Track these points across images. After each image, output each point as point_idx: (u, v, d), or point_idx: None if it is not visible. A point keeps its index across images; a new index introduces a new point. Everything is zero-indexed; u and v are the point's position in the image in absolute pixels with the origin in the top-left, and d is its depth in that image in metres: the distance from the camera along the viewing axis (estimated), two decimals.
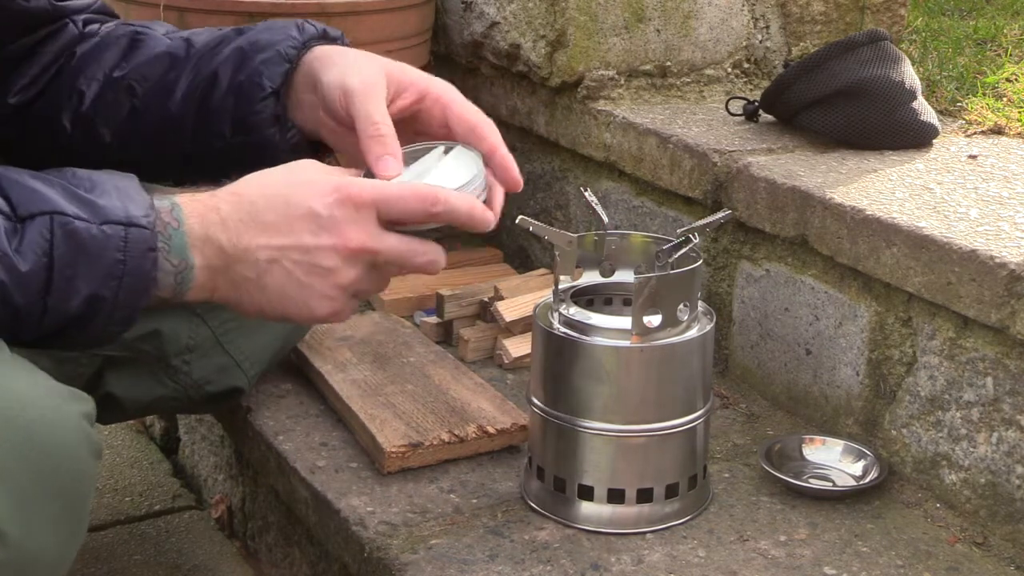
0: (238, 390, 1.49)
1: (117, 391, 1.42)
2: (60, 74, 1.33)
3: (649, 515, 1.31)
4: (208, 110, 1.27)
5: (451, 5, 2.04)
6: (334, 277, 1.06)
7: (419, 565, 1.25)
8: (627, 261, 1.38)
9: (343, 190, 1.05)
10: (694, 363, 1.30)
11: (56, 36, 1.34)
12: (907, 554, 1.29)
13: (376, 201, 1.05)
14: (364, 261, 1.07)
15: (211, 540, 1.75)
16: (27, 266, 0.98)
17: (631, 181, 1.80)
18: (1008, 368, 1.30)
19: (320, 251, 1.05)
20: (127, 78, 1.31)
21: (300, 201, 1.05)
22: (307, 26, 1.27)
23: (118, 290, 1.01)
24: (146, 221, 1.02)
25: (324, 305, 1.08)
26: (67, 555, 0.98)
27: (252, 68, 1.25)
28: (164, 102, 1.29)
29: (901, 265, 1.38)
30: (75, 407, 0.98)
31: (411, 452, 1.39)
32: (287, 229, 1.05)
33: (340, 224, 1.05)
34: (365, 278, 1.08)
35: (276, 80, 1.24)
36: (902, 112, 1.66)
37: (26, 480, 0.92)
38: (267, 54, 1.25)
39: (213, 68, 1.28)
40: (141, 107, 1.30)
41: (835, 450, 1.46)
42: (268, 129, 1.25)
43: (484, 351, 1.69)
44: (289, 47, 1.25)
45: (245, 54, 1.26)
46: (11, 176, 1.02)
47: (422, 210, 1.06)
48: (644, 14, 1.87)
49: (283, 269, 1.06)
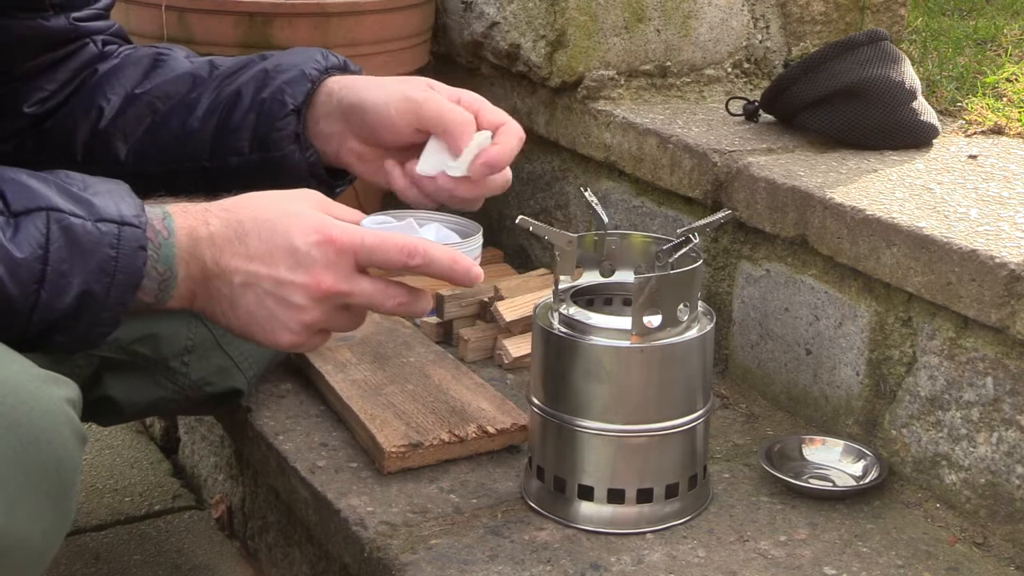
0: (237, 391, 1.49)
1: (115, 393, 1.42)
2: (80, 90, 1.36)
3: (649, 515, 1.31)
4: (228, 127, 1.30)
5: (451, 5, 2.04)
6: (300, 314, 1.08)
7: (419, 565, 1.25)
8: (627, 261, 1.38)
9: (326, 231, 1.07)
10: (694, 363, 1.30)
11: (76, 55, 1.36)
12: (907, 554, 1.29)
13: (356, 248, 1.07)
14: (333, 302, 1.09)
15: (211, 540, 1.75)
16: (22, 255, 0.99)
17: (631, 181, 1.80)
18: (1008, 368, 1.30)
19: (292, 287, 1.07)
20: (149, 95, 1.34)
21: (284, 233, 1.07)
22: (330, 56, 1.31)
23: (110, 286, 1.02)
24: (138, 221, 1.04)
25: (286, 337, 1.09)
26: (52, 542, 0.98)
27: (275, 87, 1.28)
28: (184, 119, 1.32)
29: (901, 265, 1.38)
30: (57, 391, 0.97)
31: (411, 452, 1.39)
32: (267, 258, 1.07)
33: (316, 265, 1.06)
34: (335, 317, 1.10)
35: (299, 98, 1.27)
36: (902, 112, 1.66)
37: (7, 466, 0.92)
38: (291, 74, 1.28)
39: (236, 87, 1.31)
40: (160, 123, 1.33)
41: (835, 450, 1.46)
42: (289, 146, 1.27)
43: (484, 351, 1.69)
44: (313, 68, 1.28)
45: (268, 74, 1.30)
46: (7, 174, 1.03)
47: (400, 261, 1.08)
48: (644, 14, 1.87)
49: (255, 295, 1.08)
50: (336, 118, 1.27)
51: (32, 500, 0.94)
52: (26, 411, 0.94)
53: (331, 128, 1.28)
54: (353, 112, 1.26)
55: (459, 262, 1.09)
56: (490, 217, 2.10)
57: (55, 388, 0.97)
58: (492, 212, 2.08)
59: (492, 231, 2.09)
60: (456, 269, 1.08)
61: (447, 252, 1.09)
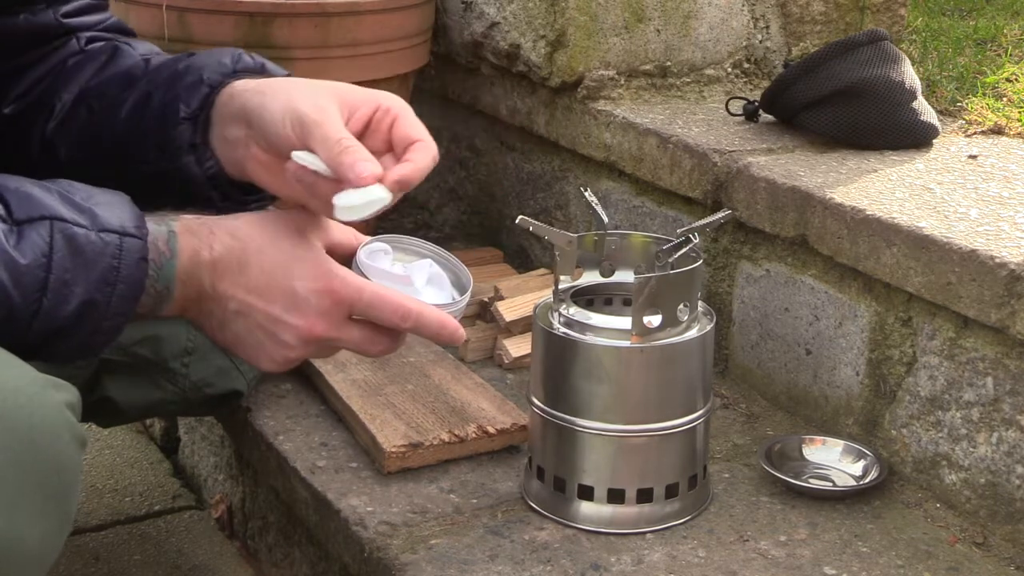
0: (237, 392, 1.49)
1: (115, 395, 1.42)
2: (48, 88, 1.31)
3: (649, 515, 1.31)
4: (138, 132, 1.23)
5: (451, 5, 2.04)
6: (286, 350, 1.09)
7: (419, 565, 1.25)
8: (627, 261, 1.38)
9: (327, 281, 1.08)
10: (694, 363, 1.30)
11: (58, 51, 1.32)
12: (907, 554, 1.29)
13: (353, 301, 1.08)
14: (320, 344, 1.10)
15: (211, 540, 1.75)
16: (26, 262, 0.98)
17: (631, 181, 1.80)
18: (1008, 368, 1.30)
19: (284, 326, 1.08)
20: (88, 93, 1.28)
21: (287, 274, 1.08)
22: (244, 57, 1.22)
23: (111, 296, 1.02)
24: (139, 232, 1.04)
25: (267, 365, 1.11)
26: (53, 547, 0.98)
27: (175, 92, 1.21)
28: (112, 121, 1.25)
29: (901, 265, 1.38)
30: (57, 395, 0.97)
31: (411, 452, 1.39)
32: (265, 293, 1.08)
33: (312, 311, 1.08)
34: (315, 353, 1.12)
35: (192, 104, 1.19)
36: (902, 112, 1.66)
37: (7, 470, 0.91)
38: (191, 78, 1.20)
39: (150, 89, 1.23)
40: (94, 124, 1.26)
41: (835, 450, 1.46)
42: (185, 157, 1.20)
43: (484, 351, 1.69)
44: (213, 73, 1.20)
45: (177, 76, 1.22)
46: (9, 183, 1.02)
47: (392, 322, 1.09)
48: (644, 14, 1.87)
49: (246, 323, 1.09)
50: (240, 123, 1.17)
51: (32, 504, 0.94)
52: (26, 415, 0.93)
53: (235, 133, 1.18)
54: (252, 118, 1.16)
55: (446, 327, 1.11)
56: (490, 217, 2.10)
57: (54, 392, 0.97)
58: (492, 212, 2.08)
59: (492, 231, 2.09)
60: (442, 333, 1.11)
61: (436, 317, 1.10)
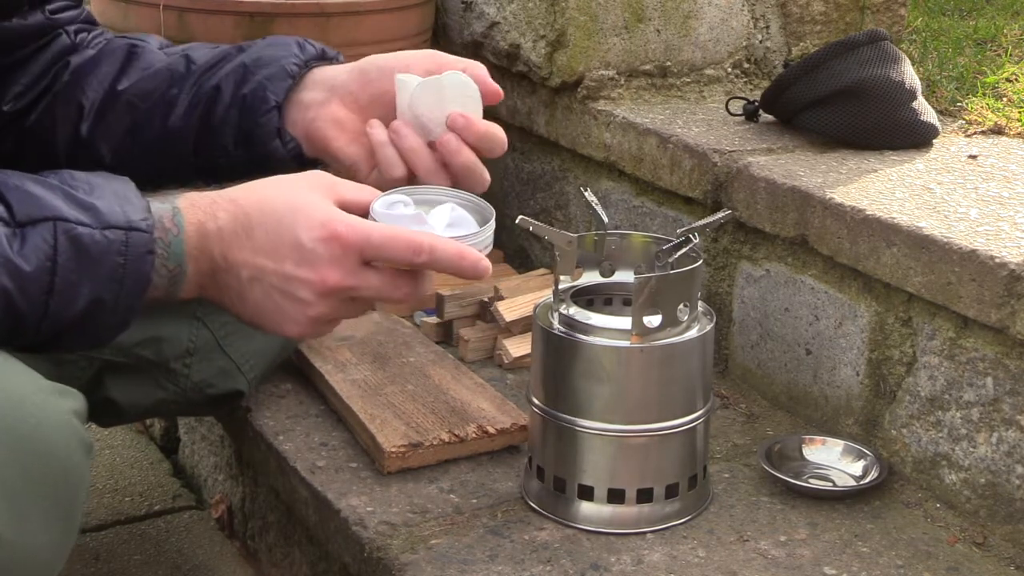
0: (238, 393, 1.49)
1: (116, 395, 1.42)
2: (55, 85, 1.34)
3: (649, 515, 1.31)
4: (211, 125, 1.29)
5: (451, 5, 2.04)
6: (306, 308, 1.07)
7: (419, 565, 1.25)
8: (627, 261, 1.38)
9: (331, 227, 1.06)
10: (694, 363, 1.30)
11: (49, 47, 1.35)
12: (907, 554, 1.29)
13: (361, 245, 1.06)
14: (339, 296, 1.08)
15: (211, 540, 1.75)
16: (30, 267, 0.98)
17: (631, 181, 1.80)
18: (1008, 368, 1.30)
19: (297, 282, 1.06)
20: (127, 94, 1.32)
21: (289, 227, 1.06)
22: (307, 45, 1.30)
23: (119, 292, 1.02)
24: (145, 225, 1.03)
25: (293, 328, 1.09)
26: (60, 554, 0.98)
27: (256, 82, 1.27)
28: (165, 118, 1.31)
29: (901, 265, 1.38)
30: (64, 403, 0.97)
31: (411, 452, 1.39)
32: (273, 253, 1.06)
33: (321, 261, 1.06)
34: (341, 308, 1.10)
35: (280, 95, 1.26)
36: (902, 112, 1.66)
37: (16, 478, 0.92)
38: (271, 69, 1.27)
39: (215, 83, 1.29)
40: (142, 124, 1.32)
41: (835, 450, 1.46)
42: (272, 142, 1.27)
43: (484, 351, 1.69)
44: (292, 63, 1.28)
45: (248, 69, 1.29)
46: (11, 181, 1.02)
47: (406, 258, 1.06)
48: (644, 14, 1.87)
49: (262, 288, 1.07)
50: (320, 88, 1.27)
51: (40, 512, 0.94)
52: (34, 424, 0.94)
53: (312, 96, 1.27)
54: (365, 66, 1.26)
55: (466, 257, 1.07)
56: None
57: (61, 400, 0.98)
58: None
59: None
60: (463, 265, 1.07)
61: (453, 248, 1.06)
